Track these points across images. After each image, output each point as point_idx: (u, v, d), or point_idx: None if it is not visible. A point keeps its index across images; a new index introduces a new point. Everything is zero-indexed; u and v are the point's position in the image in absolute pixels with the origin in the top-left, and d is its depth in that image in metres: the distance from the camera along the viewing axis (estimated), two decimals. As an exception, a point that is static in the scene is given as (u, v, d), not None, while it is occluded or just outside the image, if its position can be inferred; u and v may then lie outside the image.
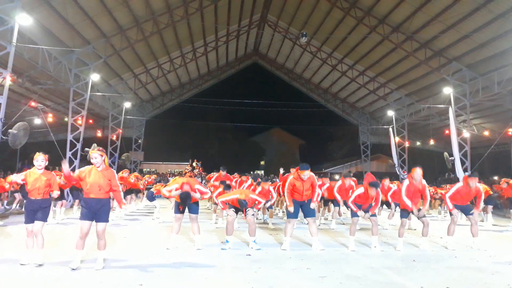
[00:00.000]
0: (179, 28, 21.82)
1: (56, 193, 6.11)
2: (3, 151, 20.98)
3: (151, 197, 12.90)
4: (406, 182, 7.65)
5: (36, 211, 5.87)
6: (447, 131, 21.62)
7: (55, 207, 11.09)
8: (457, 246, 7.90)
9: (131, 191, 14.25)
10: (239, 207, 7.47)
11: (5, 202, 14.02)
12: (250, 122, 38.38)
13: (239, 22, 25.03)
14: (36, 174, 5.95)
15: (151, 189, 13.31)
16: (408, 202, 7.48)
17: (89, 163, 6.02)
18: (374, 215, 7.79)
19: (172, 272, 5.60)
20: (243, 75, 38.42)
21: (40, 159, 5.99)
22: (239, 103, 33.94)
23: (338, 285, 5.10)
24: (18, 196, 13.56)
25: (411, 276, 5.63)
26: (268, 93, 45.37)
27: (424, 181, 7.68)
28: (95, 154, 5.81)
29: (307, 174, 7.34)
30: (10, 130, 12.75)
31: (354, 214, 7.82)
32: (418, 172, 7.54)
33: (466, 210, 8.03)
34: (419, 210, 7.56)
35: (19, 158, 26.74)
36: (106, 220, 5.80)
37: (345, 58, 25.54)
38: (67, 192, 13.27)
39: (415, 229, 10.15)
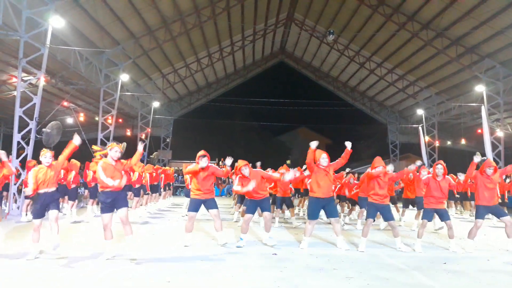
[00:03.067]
0: (206, 28, 22.03)
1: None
2: (37, 150, 21.68)
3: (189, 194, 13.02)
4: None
5: (48, 204, 6.15)
6: (479, 130, 21.03)
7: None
8: (490, 248, 7.65)
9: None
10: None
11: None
12: (276, 121, 38.09)
13: (266, 21, 25.05)
14: (44, 169, 6.22)
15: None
16: None
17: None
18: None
19: (199, 269, 5.65)
20: (270, 74, 38.30)
21: (48, 156, 6.30)
22: (266, 102, 33.94)
23: (365, 286, 5.02)
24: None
25: (441, 278, 5.48)
26: (295, 92, 44.90)
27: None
28: (117, 148, 6.10)
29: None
30: (44, 129, 13.13)
31: (368, 215, 7.70)
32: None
33: (497, 212, 7.72)
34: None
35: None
36: (126, 205, 6.09)
37: (373, 56, 25.19)
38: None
39: (441, 228, 9.81)
